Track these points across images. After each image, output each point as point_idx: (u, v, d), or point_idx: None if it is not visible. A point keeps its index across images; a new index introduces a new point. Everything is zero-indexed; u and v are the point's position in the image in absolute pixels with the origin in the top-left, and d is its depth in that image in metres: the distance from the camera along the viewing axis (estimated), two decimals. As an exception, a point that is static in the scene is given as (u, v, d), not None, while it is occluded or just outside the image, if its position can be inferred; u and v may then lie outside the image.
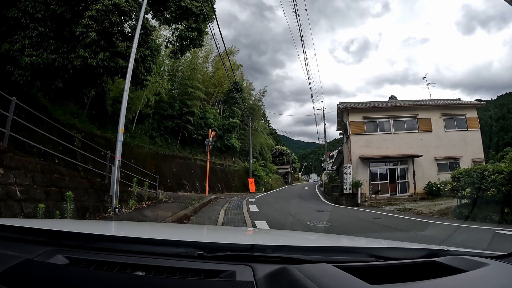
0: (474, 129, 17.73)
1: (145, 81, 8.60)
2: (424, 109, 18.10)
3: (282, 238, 1.58)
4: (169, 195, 11.00)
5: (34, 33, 7.08)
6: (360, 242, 1.55)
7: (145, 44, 8.30)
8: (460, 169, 9.88)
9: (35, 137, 6.06)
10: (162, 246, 0.91)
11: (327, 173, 30.69)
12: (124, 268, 0.77)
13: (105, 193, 6.31)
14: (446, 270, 0.85)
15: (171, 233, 1.46)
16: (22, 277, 0.70)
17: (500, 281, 0.79)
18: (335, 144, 57.44)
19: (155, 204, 8.07)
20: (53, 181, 4.72)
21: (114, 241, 0.96)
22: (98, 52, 7.19)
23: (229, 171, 25.68)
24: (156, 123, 18.96)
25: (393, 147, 17.28)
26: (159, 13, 10.52)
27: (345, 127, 19.55)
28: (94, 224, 2.26)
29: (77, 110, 12.37)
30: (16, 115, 4.57)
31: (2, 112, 4.29)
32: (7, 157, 3.89)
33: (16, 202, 3.81)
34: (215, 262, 0.81)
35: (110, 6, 6.94)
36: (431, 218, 8.82)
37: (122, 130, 6.84)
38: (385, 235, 5.62)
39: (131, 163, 10.43)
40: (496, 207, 7.31)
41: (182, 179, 18.16)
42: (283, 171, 44.68)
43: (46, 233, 0.95)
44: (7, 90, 4.87)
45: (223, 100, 27.88)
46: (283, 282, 0.69)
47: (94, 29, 6.95)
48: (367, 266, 0.86)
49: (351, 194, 15.90)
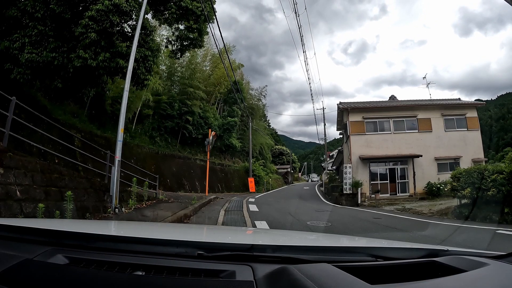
0: (474, 129, 17.73)
1: (145, 81, 8.61)
2: (424, 109, 18.10)
3: (282, 238, 1.58)
4: (169, 195, 11.00)
5: (34, 31, 7.08)
6: (360, 242, 1.55)
7: (146, 44, 8.30)
8: (460, 169, 9.88)
9: (35, 137, 6.06)
10: (162, 246, 0.91)
11: (327, 173, 30.70)
12: (124, 268, 0.76)
13: (105, 193, 6.31)
14: (446, 270, 0.85)
15: (171, 233, 1.46)
16: (22, 277, 0.70)
17: (500, 281, 0.78)
18: (335, 144, 57.44)
19: (155, 204, 8.07)
20: (53, 181, 4.72)
21: (114, 241, 0.96)
22: (99, 53, 7.18)
23: (229, 171, 25.68)
24: (156, 123, 18.96)
25: (393, 147, 17.28)
26: (159, 13, 10.51)
27: (345, 127, 19.55)
28: (94, 224, 2.26)
29: (77, 109, 12.36)
30: (16, 115, 4.57)
31: (2, 112, 4.29)
32: (7, 157, 3.89)
33: (16, 202, 3.81)
34: (215, 262, 0.81)
35: (110, 6, 6.93)
36: (431, 218, 8.82)
37: (122, 130, 6.84)
38: (385, 235, 5.62)
39: (131, 163, 10.43)
40: (496, 207, 7.31)
41: (182, 179, 18.16)
42: (283, 171, 44.69)
43: (46, 233, 0.95)
44: (7, 90, 4.87)
45: (223, 99, 27.88)
46: (283, 282, 0.69)
47: (94, 29, 6.95)
48: (367, 266, 0.86)
49: (351, 194, 15.90)
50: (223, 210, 8.61)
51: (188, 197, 10.49)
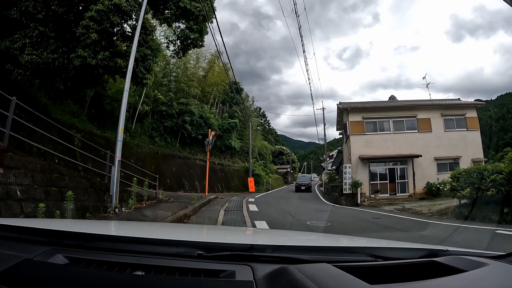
0: (473, 129, 17.72)
1: (144, 80, 8.64)
2: (424, 109, 18.09)
3: (282, 238, 1.58)
4: (169, 195, 11.00)
5: (35, 32, 7.08)
6: (359, 242, 1.55)
7: (146, 43, 8.32)
8: (459, 169, 9.88)
9: (35, 137, 6.06)
10: (161, 245, 0.91)
11: (327, 173, 30.67)
12: (123, 268, 0.76)
13: (105, 193, 6.31)
14: (445, 270, 0.85)
15: (170, 232, 1.45)
16: (22, 277, 0.70)
17: (499, 281, 0.79)
18: (335, 144, 57.42)
19: (155, 203, 8.07)
20: (53, 180, 4.72)
21: (113, 241, 0.96)
22: (98, 51, 7.19)
23: (228, 171, 25.68)
24: (155, 123, 18.96)
25: (393, 147, 17.27)
26: (159, 12, 10.52)
27: (344, 127, 19.54)
28: (93, 224, 2.26)
29: (76, 109, 12.36)
30: (16, 115, 4.57)
31: (2, 112, 4.29)
32: (7, 157, 3.88)
33: (16, 202, 3.81)
34: (215, 262, 0.81)
35: (111, 6, 6.93)
36: (430, 218, 8.82)
37: (122, 130, 6.84)
38: (385, 235, 5.62)
39: (130, 162, 10.43)
40: (496, 207, 7.31)
41: (182, 178, 18.16)
42: (283, 171, 44.69)
43: (45, 233, 0.95)
44: (7, 90, 4.87)
45: (222, 100, 27.90)
46: (283, 282, 0.69)
47: (95, 29, 6.96)
48: (366, 266, 0.86)
49: (351, 194, 15.89)
50: (223, 210, 8.61)
51: (188, 197, 10.49)
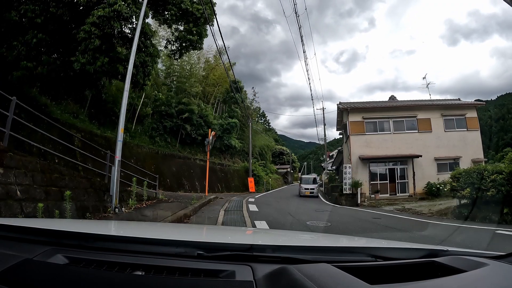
0: (473, 129, 17.71)
1: (144, 86, 8.87)
2: (424, 109, 18.08)
3: (282, 238, 1.58)
4: (169, 195, 11.00)
5: (33, 41, 7.07)
6: (359, 242, 1.55)
7: (145, 48, 8.38)
8: (459, 169, 9.87)
9: (35, 137, 6.06)
10: (161, 246, 0.91)
11: (327, 173, 30.66)
12: (123, 268, 0.76)
13: (105, 193, 6.31)
14: (445, 270, 0.84)
15: (170, 232, 1.45)
16: (22, 277, 0.70)
17: (499, 281, 0.79)
18: (335, 144, 57.38)
19: (155, 203, 8.07)
20: (53, 180, 4.72)
21: (113, 241, 0.96)
22: (97, 57, 7.25)
23: (228, 171, 25.67)
24: (155, 123, 18.95)
25: (393, 147, 17.26)
26: (158, 13, 10.52)
27: (344, 127, 19.54)
28: (93, 224, 2.26)
29: (76, 109, 12.34)
30: (16, 115, 4.57)
31: (2, 112, 4.29)
32: (7, 157, 3.88)
33: (16, 202, 3.81)
34: (215, 262, 0.81)
35: (111, 13, 6.95)
36: (430, 218, 8.82)
37: (122, 130, 6.84)
38: (385, 235, 5.62)
39: (130, 162, 10.42)
40: (496, 207, 7.31)
41: (182, 178, 18.15)
42: (283, 171, 44.71)
43: (45, 233, 0.95)
44: (7, 90, 4.87)
45: (222, 100, 27.89)
46: (283, 282, 0.69)
47: (96, 35, 6.99)
48: (366, 266, 0.86)
49: (351, 194, 15.89)
50: (222, 210, 8.60)
51: (188, 197, 10.48)
